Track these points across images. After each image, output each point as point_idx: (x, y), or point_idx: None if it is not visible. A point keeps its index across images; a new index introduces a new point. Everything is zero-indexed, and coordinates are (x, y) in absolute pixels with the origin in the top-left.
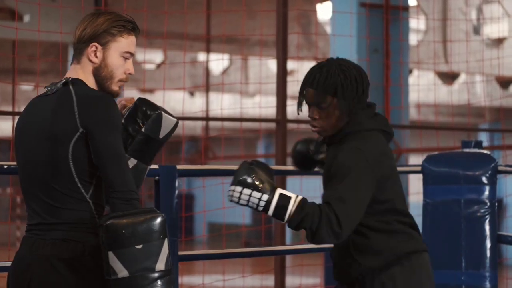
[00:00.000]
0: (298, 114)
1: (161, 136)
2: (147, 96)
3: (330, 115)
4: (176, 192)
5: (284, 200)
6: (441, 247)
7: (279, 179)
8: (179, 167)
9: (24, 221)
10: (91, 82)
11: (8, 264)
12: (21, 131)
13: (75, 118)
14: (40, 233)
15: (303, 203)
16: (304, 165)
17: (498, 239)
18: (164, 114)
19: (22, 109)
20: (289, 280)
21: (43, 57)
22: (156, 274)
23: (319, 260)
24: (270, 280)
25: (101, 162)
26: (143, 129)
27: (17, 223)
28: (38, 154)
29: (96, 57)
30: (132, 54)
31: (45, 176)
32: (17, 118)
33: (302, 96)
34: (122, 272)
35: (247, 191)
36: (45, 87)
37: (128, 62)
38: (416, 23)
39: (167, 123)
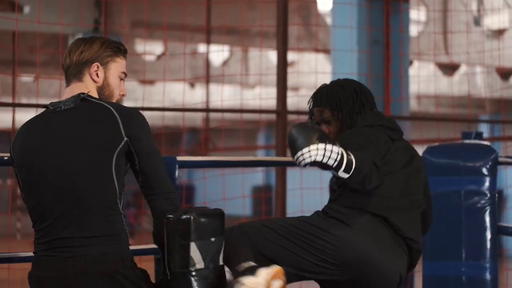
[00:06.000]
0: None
1: None
2: (148, 88)
3: (338, 126)
4: (176, 183)
5: (346, 152)
6: (441, 238)
7: (279, 170)
8: (179, 158)
9: (25, 212)
10: None
11: (9, 255)
12: (36, 150)
13: (119, 129)
14: (69, 250)
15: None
16: None
17: (498, 230)
18: None
19: (22, 100)
20: None
21: (43, 49)
22: (220, 267)
23: None
24: None
25: (150, 168)
26: None
27: (17, 214)
28: (74, 167)
29: (98, 76)
30: (126, 75)
31: (83, 188)
32: (17, 109)
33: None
34: (199, 263)
35: (329, 146)
36: (44, 106)
37: (122, 83)
38: (417, 14)
39: None
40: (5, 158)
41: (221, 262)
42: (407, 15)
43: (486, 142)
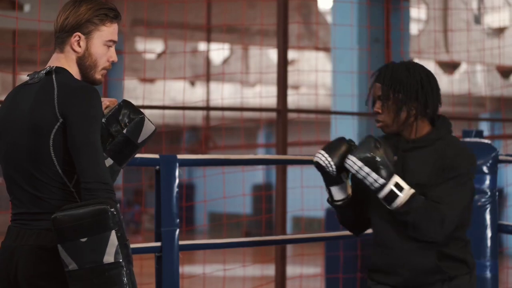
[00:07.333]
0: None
1: (139, 140)
2: (148, 86)
3: (393, 110)
4: (177, 181)
5: (397, 189)
6: None
7: (279, 168)
8: (179, 156)
9: None
10: (74, 71)
11: None
12: (3, 121)
13: (54, 108)
14: (25, 223)
15: (412, 196)
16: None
17: (499, 229)
18: (146, 119)
19: None
20: (290, 269)
21: (43, 47)
22: (105, 267)
23: (320, 250)
24: (270, 270)
25: (75, 152)
26: (124, 131)
27: None
28: (20, 144)
29: (80, 46)
30: (115, 42)
31: (27, 166)
32: None
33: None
34: (71, 264)
35: (366, 169)
36: (27, 75)
37: (111, 50)
38: (417, 12)
39: (147, 128)
40: None
41: (108, 260)
42: (408, 13)
43: (486, 140)
